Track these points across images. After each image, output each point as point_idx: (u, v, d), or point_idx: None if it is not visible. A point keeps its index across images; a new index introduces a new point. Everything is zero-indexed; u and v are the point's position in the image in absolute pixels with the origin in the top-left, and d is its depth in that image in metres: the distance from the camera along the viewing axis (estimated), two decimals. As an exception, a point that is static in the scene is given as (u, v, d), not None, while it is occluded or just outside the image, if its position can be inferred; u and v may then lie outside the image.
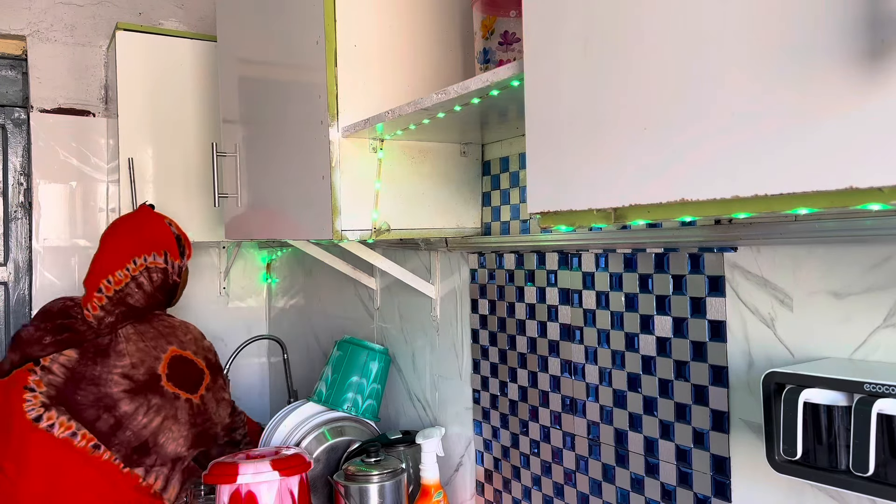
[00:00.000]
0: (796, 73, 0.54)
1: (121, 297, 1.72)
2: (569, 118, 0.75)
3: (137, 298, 1.74)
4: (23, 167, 2.39)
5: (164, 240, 1.80)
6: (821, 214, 0.85)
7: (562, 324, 1.29)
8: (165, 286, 1.79)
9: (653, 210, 0.68)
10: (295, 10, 1.41)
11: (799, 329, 0.91)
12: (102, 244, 1.80)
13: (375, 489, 1.45)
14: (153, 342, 1.72)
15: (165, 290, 1.80)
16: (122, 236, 1.79)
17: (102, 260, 1.76)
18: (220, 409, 1.78)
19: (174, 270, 1.80)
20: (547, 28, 0.78)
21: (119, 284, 1.71)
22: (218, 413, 1.77)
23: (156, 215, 1.85)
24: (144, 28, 2.13)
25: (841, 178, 0.51)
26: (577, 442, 1.26)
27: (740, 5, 0.58)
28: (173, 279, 1.81)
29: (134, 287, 1.73)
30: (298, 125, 1.42)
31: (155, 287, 1.76)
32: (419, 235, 1.44)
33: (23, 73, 2.39)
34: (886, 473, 0.73)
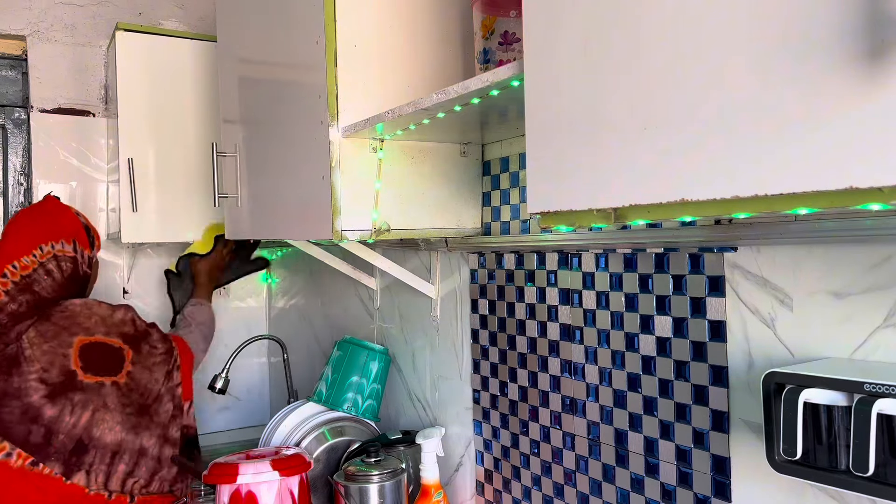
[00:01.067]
0: (796, 73, 0.54)
1: (27, 283, 1.64)
2: (569, 118, 0.75)
3: (45, 287, 1.65)
4: (23, 167, 2.39)
5: (71, 228, 1.74)
6: (821, 214, 0.85)
7: (562, 324, 1.29)
8: (76, 277, 1.72)
9: (653, 210, 0.68)
10: (295, 10, 1.41)
11: (799, 329, 0.91)
12: (6, 232, 1.72)
13: (375, 489, 1.45)
14: (56, 340, 1.60)
15: (76, 281, 1.72)
16: (27, 224, 1.72)
17: (7, 246, 1.67)
18: (157, 373, 1.67)
19: (84, 261, 1.73)
20: (547, 28, 0.78)
21: (26, 270, 1.63)
22: (154, 379, 1.66)
23: (62, 205, 1.80)
24: (144, 28, 2.13)
25: (841, 178, 0.51)
26: (577, 442, 1.26)
27: (740, 5, 0.58)
28: (83, 270, 1.73)
29: (42, 274, 1.65)
30: (298, 125, 1.42)
31: (65, 277, 1.68)
32: (419, 235, 1.44)
33: (23, 73, 2.39)
34: (886, 473, 0.73)
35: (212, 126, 2.19)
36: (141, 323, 1.73)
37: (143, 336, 1.71)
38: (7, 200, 2.39)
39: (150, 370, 1.67)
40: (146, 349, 1.69)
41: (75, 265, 1.70)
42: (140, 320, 1.73)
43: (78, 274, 1.71)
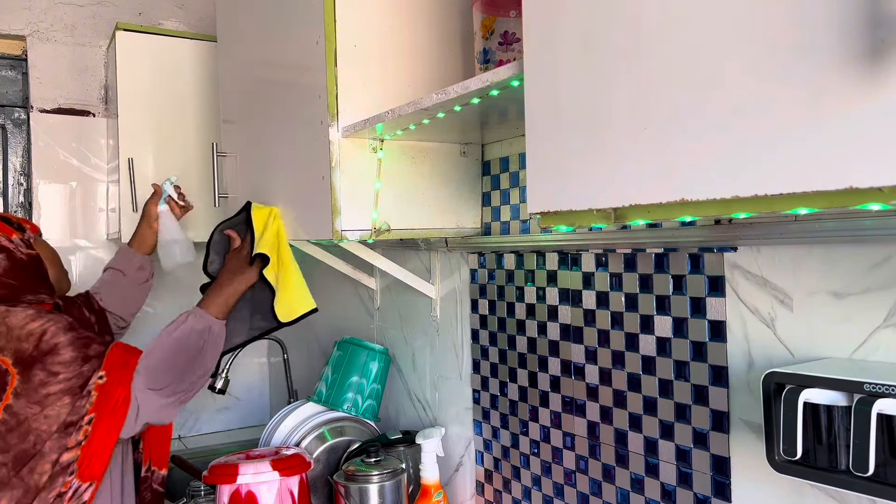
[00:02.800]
0: (796, 73, 0.54)
1: None
2: (569, 118, 0.75)
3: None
4: (23, 167, 2.39)
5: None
6: (821, 214, 0.85)
7: (562, 324, 1.29)
8: (17, 264, 1.43)
9: (653, 210, 0.68)
10: (295, 10, 1.41)
11: (799, 329, 0.91)
12: None
13: (375, 489, 1.45)
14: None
15: (22, 267, 1.44)
16: None
17: None
18: (48, 409, 1.28)
19: (16, 245, 1.45)
20: (547, 28, 0.78)
21: None
22: (44, 415, 1.27)
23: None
24: (144, 28, 2.13)
25: (841, 178, 0.51)
26: (577, 442, 1.26)
27: (740, 6, 0.58)
28: (23, 253, 1.45)
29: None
30: (298, 125, 1.42)
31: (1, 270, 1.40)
32: (419, 235, 1.44)
33: (23, 73, 2.39)
34: (886, 473, 0.73)
35: (212, 126, 2.19)
36: (56, 338, 1.31)
37: (44, 356, 1.29)
38: (7, 200, 2.39)
39: (41, 403, 1.28)
40: (40, 377, 1.28)
41: (7, 252, 1.42)
42: (64, 333, 1.32)
43: (16, 258, 1.43)
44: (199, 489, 1.65)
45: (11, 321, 1.33)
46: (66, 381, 1.29)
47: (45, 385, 1.28)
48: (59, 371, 1.29)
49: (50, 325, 1.32)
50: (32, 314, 1.34)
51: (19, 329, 1.32)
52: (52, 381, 1.28)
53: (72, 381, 1.29)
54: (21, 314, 1.34)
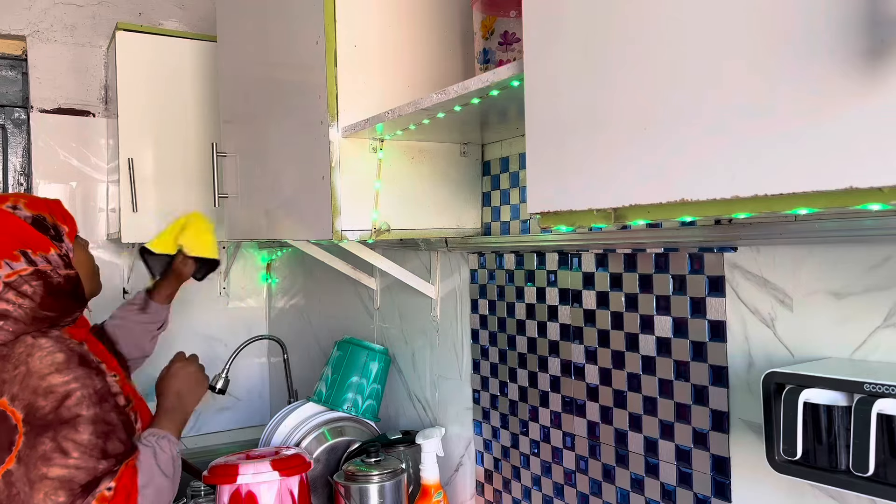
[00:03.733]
0: (796, 74, 0.54)
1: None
2: (569, 118, 0.75)
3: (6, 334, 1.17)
4: (23, 167, 2.39)
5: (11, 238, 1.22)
6: (821, 214, 0.85)
7: (562, 324, 1.29)
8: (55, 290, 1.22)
9: (653, 210, 0.68)
10: (295, 10, 1.41)
11: (799, 329, 0.91)
12: None
13: (375, 489, 1.45)
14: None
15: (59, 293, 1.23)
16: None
17: None
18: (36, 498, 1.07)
19: (55, 265, 1.23)
20: (547, 28, 0.78)
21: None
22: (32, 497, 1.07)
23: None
24: (144, 28, 2.13)
25: (841, 178, 0.51)
26: (577, 442, 1.26)
27: (740, 5, 0.58)
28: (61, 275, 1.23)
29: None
30: (298, 125, 1.42)
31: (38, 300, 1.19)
32: (419, 235, 1.44)
33: (23, 73, 2.39)
34: (886, 473, 0.73)
35: (212, 126, 2.19)
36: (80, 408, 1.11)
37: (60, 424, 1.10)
38: (7, 200, 2.39)
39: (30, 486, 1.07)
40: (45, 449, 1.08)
41: (44, 277, 1.21)
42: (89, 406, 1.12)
43: (54, 284, 1.22)
44: (200, 489, 1.65)
45: (34, 365, 1.13)
46: (73, 470, 1.08)
47: (48, 462, 1.07)
48: (71, 452, 1.09)
49: (76, 387, 1.12)
50: (61, 361, 1.13)
51: (40, 378, 1.11)
52: (57, 461, 1.07)
53: (78, 474, 1.09)
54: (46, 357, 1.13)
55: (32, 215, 1.26)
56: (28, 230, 1.24)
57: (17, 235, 1.22)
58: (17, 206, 1.26)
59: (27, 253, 1.22)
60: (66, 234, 1.30)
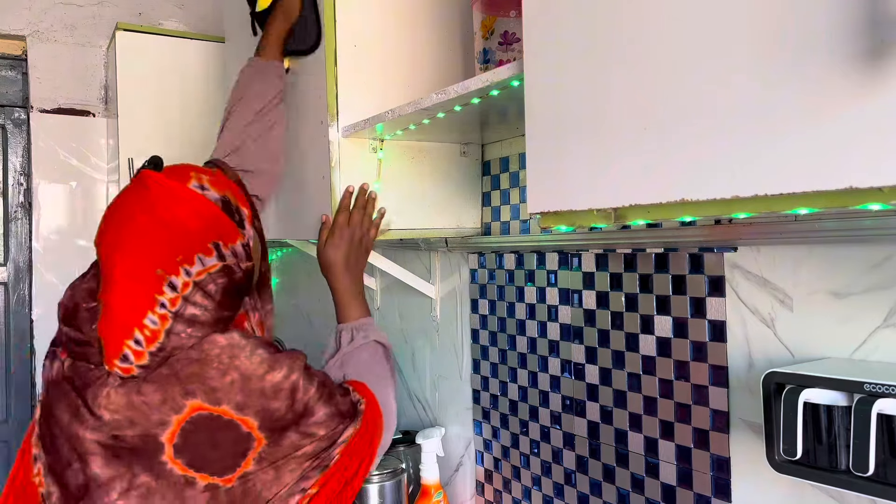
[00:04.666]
0: (796, 74, 0.54)
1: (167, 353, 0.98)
2: (569, 118, 0.75)
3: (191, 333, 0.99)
4: (23, 167, 2.39)
5: (205, 227, 1.00)
6: (821, 214, 0.85)
7: (562, 324, 1.29)
8: (235, 285, 1.04)
9: (653, 210, 0.68)
10: (295, 10, 1.41)
11: (799, 329, 0.91)
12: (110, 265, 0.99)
13: (375, 489, 1.45)
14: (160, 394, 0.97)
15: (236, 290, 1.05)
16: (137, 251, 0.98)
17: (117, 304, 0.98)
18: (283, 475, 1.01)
19: (239, 258, 1.04)
20: (547, 28, 0.78)
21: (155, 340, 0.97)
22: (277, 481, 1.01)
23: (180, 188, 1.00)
24: (144, 28, 2.13)
25: (841, 178, 0.51)
26: (577, 442, 1.26)
27: (740, 5, 0.58)
28: (241, 269, 1.04)
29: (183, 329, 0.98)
30: (299, 125, 1.42)
31: (218, 300, 1.01)
32: (419, 235, 1.44)
33: (23, 73, 2.39)
34: (886, 473, 0.73)
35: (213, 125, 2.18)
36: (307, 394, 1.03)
37: (299, 418, 1.02)
38: (7, 200, 2.39)
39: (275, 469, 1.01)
40: (292, 439, 1.02)
41: (229, 275, 1.03)
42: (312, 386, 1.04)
43: (235, 280, 1.04)
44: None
45: (245, 368, 1.00)
46: (315, 444, 1.03)
47: (297, 447, 1.02)
48: (315, 432, 1.03)
49: (296, 376, 1.03)
50: (267, 358, 1.02)
51: (259, 380, 1.00)
52: (306, 444, 1.03)
53: (322, 443, 1.04)
54: (253, 357, 1.01)
55: (220, 197, 1.04)
56: (220, 217, 1.03)
57: (211, 224, 1.01)
58: (203, 184, 1.03)
59: (219, 245, 1.02)
60: (247, 218, 1.09)
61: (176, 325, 0.98)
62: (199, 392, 0.98)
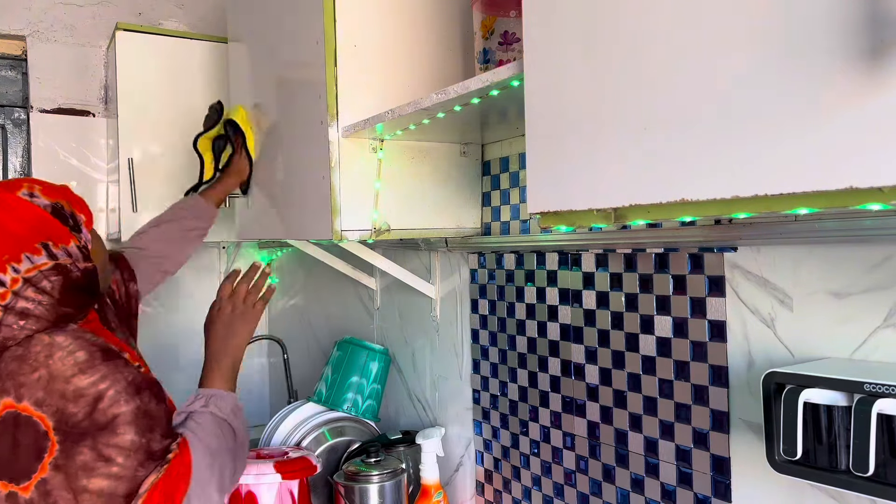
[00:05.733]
0: (796, 74, 0.54)
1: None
2: (569, 118, 0.75)
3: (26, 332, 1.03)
4: (23, 167, 2.39)
5: (32, 230, 1.06)
6: (821, 214, 0.85)
7: (562, 324, 1.29)
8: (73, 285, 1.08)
9: (653, 210, 0.68)
10: (295, 11, 1.41)
11: (799, 329, 0.91)
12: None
13: (375, 489, 1.45)
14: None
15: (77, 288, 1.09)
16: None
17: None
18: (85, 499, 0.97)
19: (74, 258, 1.09)
20: (547, 28, 0.78)
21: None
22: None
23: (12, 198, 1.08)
24: (144, 28, 2.13)
25: (841, 178, 0.51)
26: (577, 442, 1.26)
27: (740, 6, 0.58)
28: (78, 269, 1.09)
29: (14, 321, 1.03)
30: (299, 125, 1.42)
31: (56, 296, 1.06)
32: (419, 235, 1.44)
33: (23, 73, 2.39)
34: (886, 473, 0.73)
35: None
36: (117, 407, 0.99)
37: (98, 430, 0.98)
38: (7, 200, 2.39)
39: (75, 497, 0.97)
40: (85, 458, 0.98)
41: (63, 272, 1.07)
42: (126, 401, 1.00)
43: (72, 278, 1.08)
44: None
45: (56, 367, 1.00)
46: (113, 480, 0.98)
47: (91, 473, 0.98)
48: (113, 458, 0.98)
49: (106, 386, 1.00)
50: (84, 360, 1.01)
51: (64, 381, 0.99)
52: (100, 471, 0.98)
53: (119, 484, 0.98)
54: (67, 358, 1.01)
55: (51, 203, 1.10)
56: (48, 220, 1.09)
57: (37, 226, 1.07)
58: (33, 192, 1.11)
59: (48, 245, 1.07)
60: (84, 223, 1.16)
61: (7, 318, 1.02)
62: (11, 389, 0.99)
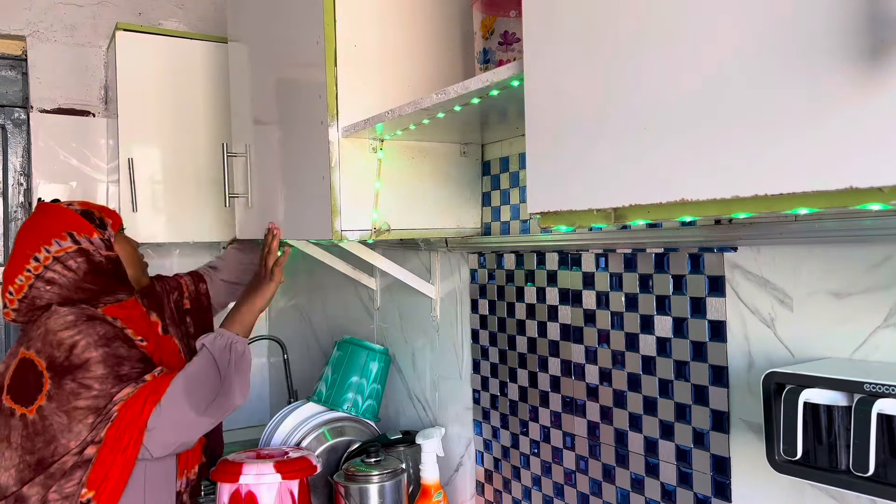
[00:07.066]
0: (796, 74, 0.54)
1: (29, 302, 1.44)
2: (569, 118, 0.75)
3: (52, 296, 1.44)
4: (23, 167, 2.39)
5: (61, 223, 1.48)
6: (821, 214, 0.85)
7: (562, 324, 1.29)
8: (96, 268, 1.48)
9: (653, 210, 0.68)
10: (295, 11, 1.41)
11: (799, 329, 0.91)
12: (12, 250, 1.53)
13: (375, 489, 1.45)
14: (14, 347, 1.45)
15: (100, 271, 1.48)
16: (19, 239, 1.51)
17: (7, 268, 1.49)
18: (74, 424, 1.34)
19: (97, 246, 1.48)
20: (547, 28, 0.78)
21: (20, 291, 1.44)
22: (69, 429, 1.34)
23: (51, 206, 1.53)
24: (144, 28, 2.13)
25: (841, 178, 0.51)
26: (577, 442, 1.26)
27: (740, 6, 0.58)
28: (101, 255, 1.49)
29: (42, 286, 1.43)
30: (299, 125, 1.42)
31: (81, 274, 1.46)
32: (419, 235, 1.44)
33: (23, 73, 2.39)
34: (886, 473, 0.73)
35: (213, 126, 2.19)
36: (88, 353, 1.36)
37: (75, 368, 1.35)
38: (7, 200, 2.39)
39: (68, 415, 1.34)
40: (71, 387, 1.34)
41: (87, 256, 1.47)
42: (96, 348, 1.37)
43: (97, 264, 1.48)
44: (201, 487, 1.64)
45: (50, 324, 1.38)
46: (94, 399, 1.34)
47: (77, 396, 1.34)
48: (91, 385, 1.34)
49: (80, 338, 1.36)
50: (70, 320, 1.38)
51: (52, 334, 1.37)
52: (84, 395, 1.34)
53: (99, 400, 1.34)
54: (59, 319, 1.38)
55: (83, 210, 1.52)
56: (76, 217, 1.50)
57: (66, 221, 1.49)
58: (71, 203, 1.54)
59: (73, 234, 1.48)
60: (111, 225, 1.53)
61: (36, 283, 1.44)
62: (27, 342, 1.40)
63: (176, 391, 1.37)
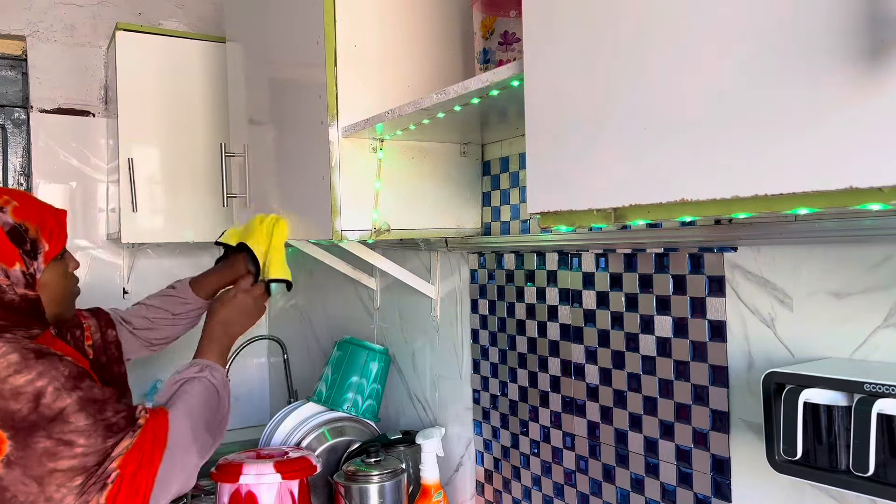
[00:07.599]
0: (796, 74, 0.54)
1: None
2: (569, 118, 0.75)
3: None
4: (23, 167, 2.39)
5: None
6: (821, 214, 0.85)
7: (562, 324, 1.29)
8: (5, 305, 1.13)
9: (653, 210, 0.68)
10: (295, 11, 1.41)
11: (799, 329, 0.91)
12: None
13: (375, 489, 1.45)
14: None
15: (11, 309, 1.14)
16: None
17: None
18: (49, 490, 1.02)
19: (13, 281, 1.14)
20: (547, 28, 0.78)
21: None
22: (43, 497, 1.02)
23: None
24: (144, 28, 2.13)
25: (841, 178, 0.51)
26: (577, 442, 1.26)
27: (741, 5, 0.58)
28: (16, 293, 1.14)
29: None
30: (299, 125, 1.42)
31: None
32: (419, 235, 1.44)
33: (23, 73, 2.39)
34: (886, 473, 0.73)
35: (212, 126, 2.19)
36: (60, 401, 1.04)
37: (49, 422, 1.03)
38: (7, 200, 2.39)
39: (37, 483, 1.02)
40: (45, 445, 1.02)
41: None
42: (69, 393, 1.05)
43: (5, 300, 1.13)
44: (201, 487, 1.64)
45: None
46: (81, 457, 1.03)
47: (54, 457, 1.02)
48: (75, 440, 1.03)
49: (43, 383, 1.04)
50: (16, 361, 1.05)
51: (2, 382, 1.04)
52: (64, 453, 1.03)
53: (88, 458, 1.04)
54: (1, 362, 1.05)
55: (13, 224, 1.16)
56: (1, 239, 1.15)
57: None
58: (3, 208, 1.16)
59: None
60: (45, 253, 1.19)
61: None
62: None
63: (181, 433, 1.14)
